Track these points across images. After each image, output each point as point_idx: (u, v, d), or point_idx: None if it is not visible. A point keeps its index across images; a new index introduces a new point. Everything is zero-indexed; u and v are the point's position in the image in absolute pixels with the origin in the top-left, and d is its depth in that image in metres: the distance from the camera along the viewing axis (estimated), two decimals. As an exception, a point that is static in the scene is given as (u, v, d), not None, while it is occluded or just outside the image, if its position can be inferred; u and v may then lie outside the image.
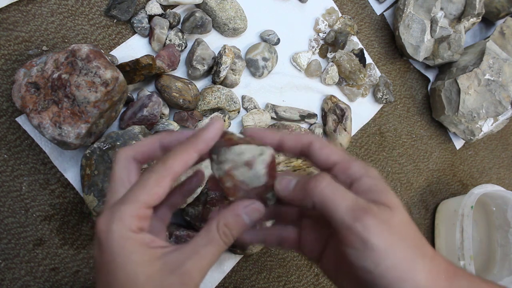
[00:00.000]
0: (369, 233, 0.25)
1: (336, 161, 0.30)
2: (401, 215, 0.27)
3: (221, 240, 0.29)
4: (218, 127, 0.30)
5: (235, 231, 0.29)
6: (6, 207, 0.52)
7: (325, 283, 0.69)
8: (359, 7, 0.76)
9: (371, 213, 0.26)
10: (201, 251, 0.28)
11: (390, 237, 0.26)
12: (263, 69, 0.65)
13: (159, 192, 0.28)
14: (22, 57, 0.53)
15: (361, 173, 0.29)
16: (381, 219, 0.26)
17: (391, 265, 0.25)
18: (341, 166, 0.30)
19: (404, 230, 0.27)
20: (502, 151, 0.90)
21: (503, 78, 0.74)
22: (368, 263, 0.26)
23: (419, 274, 0.26)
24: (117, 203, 0.28)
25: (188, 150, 0.29)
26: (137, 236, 0.27)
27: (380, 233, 0.25)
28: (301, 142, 0.31)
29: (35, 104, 0.47)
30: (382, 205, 0.27)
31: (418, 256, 0.26)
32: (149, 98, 0.54)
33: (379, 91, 0.74)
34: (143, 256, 0.27)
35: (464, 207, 0.69)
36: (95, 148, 0.49)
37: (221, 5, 0.61)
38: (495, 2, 0.80)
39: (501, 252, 0.76)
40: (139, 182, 0.28)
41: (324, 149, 0.30)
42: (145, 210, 0.28)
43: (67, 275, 0.54)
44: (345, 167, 0.29)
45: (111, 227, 0.27)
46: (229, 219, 0.29)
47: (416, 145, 0.80)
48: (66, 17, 0.56)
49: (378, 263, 0.25)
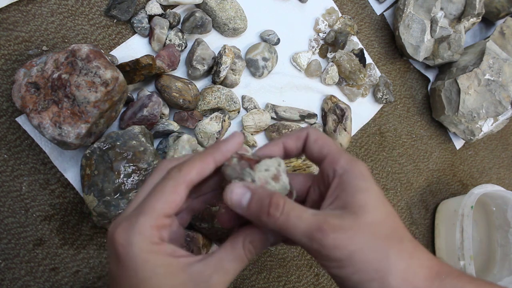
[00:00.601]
0: (328, 249, 0.25)
1: (326, 154, 0.30)
2: (373, 216, 0.27)
3: (245, 257, 0.28)
4: (238, 141, 0.30)
5: (259, 250, 0.29)
6: (6, 207, 0.52)
7: (325, 283, 0.69)
8: (359, 7, 0.76)
9: (329, 228, 0.26)
10: (226, 266, 0.28)
11: (352, 245, 0.25)
12: (263, 69, 0.65)
13: (176, 200, 0.27)
14: (22, 57, 0.53)
15: (344, 169, 0.28)
16: (343, 229, 0.26)
17: (357, 270, 0.25)
18: (329, 159, 0.30)
19: (373, 231, 0.26)
20: (502, 151, 0.90)
21: (503, 78, 0.74)
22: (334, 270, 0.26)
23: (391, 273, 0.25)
24: (134, 214, 0.27)
25: (205, 159, 0.29)
26: (159, 248, 0.27)
27: (341, 245, 0.25)
28: (300, 138, 0.32)
29: (35, 104, 0.47)
30: (348, 211, 0.27)
31: (392, 255, 0.26)
32: (149, 98, 0.54)
33: (379, 91, 0.74)
34: (167, 268, 0.26)
35: (464, 207, 0.69)
36: (95, 148, 0.49)
37: (221, 5, 0.61)
38: (495, 2, 0.80)
39: (501, 252, 0.76)
40: (155, 190, 0.28)
41: (318, 141, 0.31)
42: (164, 220, 0.27)
43: (67, 275, 0.54)
44: (332, 160, 0.29)
45: (131, 240, 0.26)
46: (256, 238, 0.29)
47: (416, 145, 0.80)
48: (66, 17, 0.56)
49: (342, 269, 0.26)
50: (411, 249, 0.27)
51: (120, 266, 0.27)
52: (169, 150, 0.54)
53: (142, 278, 0.26)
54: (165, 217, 0.27)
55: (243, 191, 0.28)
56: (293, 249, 0.67)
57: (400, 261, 0.26)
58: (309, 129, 0.32)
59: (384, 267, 0.25)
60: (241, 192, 0.28)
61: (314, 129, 0.32)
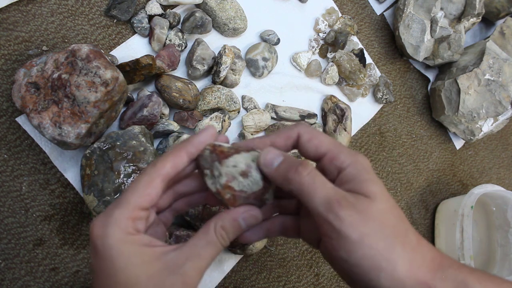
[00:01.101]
0: (342, 223, 0.26)
1: (325, 151, 0.30)
2: (381, 204, 0.27)
3: (218, 242, 0.29)
4: (210, 133, 0.31)
5: (232, 234, 0.30)
6: (6, 207, 0.52)
7: (325, 283, 0.69)
8: (359, 7, 0.76)
9: (346, 204, 0.26)
10: (200, 252, 0.28)
11: (364, 227, 0.26)
12: (263, 69, 0.65)
13: (151, 193, 0.28)
14: (22, 57, 0.53)
15: (348, 162, 0.29)
16: (357, 210, 0.26)
17: (366, 254, 0.25)
18: (329, 156, 0.29)
19: (383, 220, 0.26)
20: (502, 151, 0.90)
21: (503, 78, 0.74)
22: (342, 252, 0.26)
23: (397, 264, 0.25)
24: (110, 208, 0.28)
25: (178, 153, 0.30)
26: (134, 238, 0.27)
27: (354, 223, 0.26)
28: (291, 138, 0.31)
29: (35, 104, 0.47)
30: (362, 195, 0.27)
31: (398, 246, 0.26)
32: (149, 98, 0.54)
33: (379, 91, 0.74)
34: (142, 257, 0.27)
35: (464, 207, 0.69)
36: (95, 148, 0.49)
37: (221, 5, 0.61)
38: (495, 2, 0.80)
39: (501, 252, 0.76)
40: (131, 185, 0.29)
41: (313, 141, 0.30)
42: (140, 212, 0.28)
43: (67, 275, 0.54)
44: (332, 157, 0.29)
45: (106, 231, 0.27)
46: (226, 222, 0.30)
47: (416, 145, 0.80)
48: (66, 17, 0.56)
49: (352, 252, 0.26)
50: (415, 241, 0.27)
51: (97, 257, 0.27)
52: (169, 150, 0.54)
53: (118, 267, 0.27)
54: (140, 209, 0.28)
55: (277, 154, 0.30)
56: (293, 249, 0.67)
57: (405, 253, 0.26)
58: (299, 128, 0.31)
59: (392, 257, 0.25)
60: (275, 155, 0.30)
61: (305, 126, 0.32)
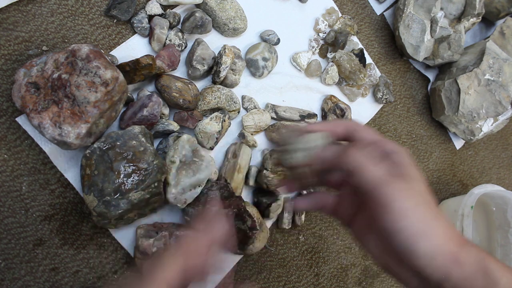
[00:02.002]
0: (391, 197, 0.30)
1: (376, 140, 0.35)
2: (420, 184, 0.31)
3: None
4: None
5: None
6: (6, 207, 0.52)
7: (325, 283, 0.69)
8: (359, 7, 0.76)
9: (394, 181, 0.30)
10: None
11: (408, 202, 0.30)
12: (263, 69, 0.65)
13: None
14: (22, 57, 0.54)
15: (394, 150, 0.33)
16: (402, 187, 0.30)
17: (409, 224, 0.29)
18: (379, 143, 0.34)
19: (422, 198, 0.31)
20: (502, 151, 0.90)
21: (503, 78, 0.74)
22: (387, 222, 0.30)
23: (434, 233, 0.29)
24: None
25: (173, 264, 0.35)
26: None
27: (400, 198, 0.30)
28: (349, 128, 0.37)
29: (35, 104, 0.47)
30: (406, 176, 0.31)
31: (434, 220, 0.30)
32: (149, 98, 0.54)
33: (379, 91, 0.74)
34: None
35: (464, 207, 0.69)
36: (95, 148, 0.49)
37: (221, 5, 0.61)
38: (495, 2, 0.80)
39: (501, 252, 0.76)
40: None
41: (367, 131, 0.36)
42: None
43: (67, 275, 0.54)
44: (382, 144, 0.34)
45: None
46: None
47: (416, 145, 0.80)
48: (66, 17, 0.56)
49: (396, 222, 0.30)
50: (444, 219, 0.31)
51: None
52: (169, 150, 0.54)
53: None
54: None
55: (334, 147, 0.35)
56: (293, 249, 0.67)
57: (439, 226, 0.30)
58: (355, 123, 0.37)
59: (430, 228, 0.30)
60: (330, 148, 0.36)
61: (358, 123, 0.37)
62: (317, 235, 0.69)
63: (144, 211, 0.53)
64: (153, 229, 0.54)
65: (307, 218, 0.68)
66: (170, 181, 0.52)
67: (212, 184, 0.56)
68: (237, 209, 0.55)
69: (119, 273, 0.56)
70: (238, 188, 0.59)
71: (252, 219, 0.56)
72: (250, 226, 0.55)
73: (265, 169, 0.60)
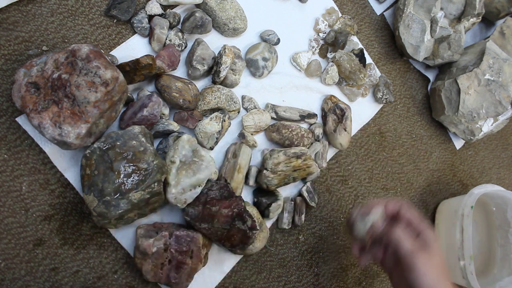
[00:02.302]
0: (418, 264, 0.47)
1: (414, 219, 0.52)
2: (437, 254, 0.49)
3: None
4: None
5: None
6: (6, 207, 0.52)
7: (325, 283, 0.69)
8: (359, 7, 0.76)
9: (420, 252, 0.48)
10: None
11: (428, 268, 0.47)
12: (263, 69, 0.65)
13: None
14: (22, 57, 0.54)
15: (423, 229, 0.51)
16: (425, 256, 0.48)
17: (426, 280, 0.47)
18: (415, 224, 0.52)
19: (437, 263, 0.48)
20: (502, 151, 0.90)
21: (503, 78, 0.74)
22: (413, 276, 0.47)
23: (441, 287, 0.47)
24: None
25: None
26: None
27: (423, 264, 0.47)
28: (399, 207, 0.53)
29: (35, 104, 0.47)
30: (430, 251, 0.48)
31: (442, 279, 0.47)
32: (149, 98, 0.54)
33: (379, 91, 0.74)
34: None
35: (464, 207, 0.69)
36: (95, 148, 0.49)
37: (221, 5, 0.61)
38: (495, 2, 0.80)
39: (501, 252, 0.76)
40: None
41: (410, 211, 0.53)
42: None
43: (67, 275, 0.54)
44: (417, 225, 0.51)
45: None
46: None
47: (416, 145, 0.80)
48: (66, 17, 0.56)
49: (418, 278, 0.47)
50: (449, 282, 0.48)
51: None
52: (169, 150, 0.54)
53: None
54: None
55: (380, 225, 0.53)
56: (293, 249, 0.67)
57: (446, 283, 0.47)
58: (403, 202, 0.54)
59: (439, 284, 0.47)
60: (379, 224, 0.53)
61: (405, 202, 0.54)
62: (317, 235, 0.69)
63: (144, 211, 0.53)
64: (153, 229, 0.54)
65: (307, 218, 0.68)
66: (170, 181, 0.52)
67: (212, 184, 0.56)
68: (237, 209, 0.55)
69: (119, 273, 0.56)
70: (238, 188, 0.59)
71: (252, 219, 0.56)
72: (250, 226, 0.55)
73: (265, 169, 0.60)
